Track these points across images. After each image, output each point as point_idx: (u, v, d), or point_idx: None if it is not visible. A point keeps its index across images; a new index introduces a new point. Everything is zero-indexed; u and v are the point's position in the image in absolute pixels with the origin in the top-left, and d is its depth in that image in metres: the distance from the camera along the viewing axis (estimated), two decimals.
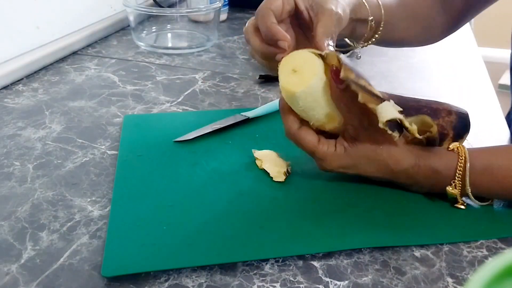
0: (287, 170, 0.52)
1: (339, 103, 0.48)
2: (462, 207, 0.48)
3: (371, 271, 0.41)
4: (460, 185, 0.47)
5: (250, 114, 0.64)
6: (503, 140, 0.64)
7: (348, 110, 0.47)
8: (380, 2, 0.59)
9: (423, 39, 0.69)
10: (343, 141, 0.48)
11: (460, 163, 0.46)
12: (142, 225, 0.44)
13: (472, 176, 0.46)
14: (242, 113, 0.64)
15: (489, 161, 0.47)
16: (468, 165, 0.46)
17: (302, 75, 0.46)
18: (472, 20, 0.82)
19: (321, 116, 0.48)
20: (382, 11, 0.59)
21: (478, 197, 0.48)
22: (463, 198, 0.48)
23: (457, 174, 0.46)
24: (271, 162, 0.53)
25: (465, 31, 1.05)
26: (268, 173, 0.52)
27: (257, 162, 0.54)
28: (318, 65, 0.46)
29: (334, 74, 0.46)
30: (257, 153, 0.55)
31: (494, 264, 0.18)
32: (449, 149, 0.48)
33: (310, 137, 0.48)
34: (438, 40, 0.71)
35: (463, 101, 0.75)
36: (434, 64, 0.90)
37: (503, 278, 0.18)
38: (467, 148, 0.48)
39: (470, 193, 0.47)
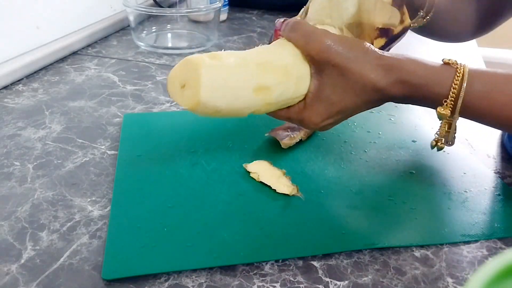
0: (293, 185, 0.50)
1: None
2: (443, 146, 0.46)
3: (371, 271, 0.41)
4: (451, 106, 0.42)
5: None
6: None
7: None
8: None
9: (457, 33, 0.66)
10: (308, 92, 0.46)
11: (456, 80, 0.42)
12: (142, 227, 0.44)
13: (467, 98, 0.41)
14: None
15: (490, 83, 0.42)
16: (465, 84, 0.41)
17: (193, 82, 0.41)
18: None
19: (250, 96, 0.43)
20: None
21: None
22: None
23: (451, 93, 0.42)
24: (266, 172, 0.52)
25: None
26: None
27: (253, 175, 0.52)
28: (195, 61, 0.41)
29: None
30: (250, 167, 0.53)
31: (494, 264, 0.18)
32: (444, 61, 0.44)
33: (279, 111, 0.47)
34: (466, 40, 0.68)
35: None
36: None
37: (503, 278, 0.18)
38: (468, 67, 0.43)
39: (457, 117, 0.43)
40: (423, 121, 0.67)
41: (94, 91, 0.74)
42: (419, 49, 0.93)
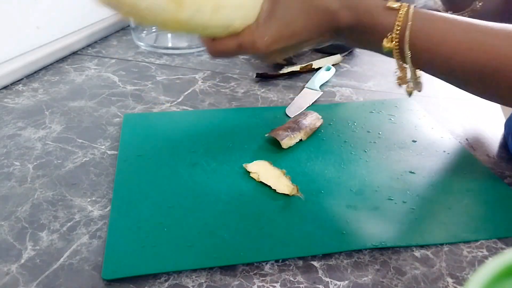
0: (293, 185, 0.49)
1: None
2: (411, 90, 0.50)
3: (371, 271, 0.41)
4: (397, 39, 0.45)
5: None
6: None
7: None
8: None
9: None
10: (261, 11, 0.48)
11: (398, 20, 0.45)
12: (143, 227, 0.44)
13: (412, 32, 0.45)
14: None
15: (431, 20, 0.45)
16: (410, 23, 0.44)
17: None
18: None
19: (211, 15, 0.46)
20: None
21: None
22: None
23: (396, 26, 0.45)
24: (266, 172, 0.52)
25: None
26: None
27: (253, 175, 0.52)
28: None
29: None
30: (250, 167, 0.53)
31: (494, 264, 0.18)
32: (388, 6, 0.46)
33: (227, 39, 0.49)
34: None
35: (463, 101, 0.75)
36: None
37: (503, 278, 0.18)
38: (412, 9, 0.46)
39: (407, 51, 0.45)
40: (423, 121, 0.67)
41: (94, 91, 0.74)
42: None
